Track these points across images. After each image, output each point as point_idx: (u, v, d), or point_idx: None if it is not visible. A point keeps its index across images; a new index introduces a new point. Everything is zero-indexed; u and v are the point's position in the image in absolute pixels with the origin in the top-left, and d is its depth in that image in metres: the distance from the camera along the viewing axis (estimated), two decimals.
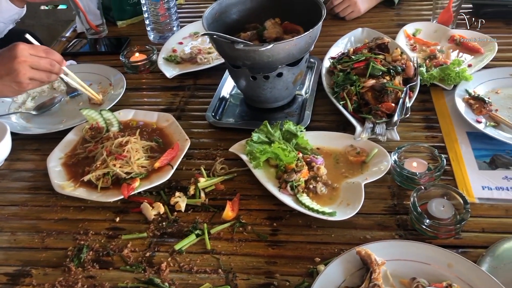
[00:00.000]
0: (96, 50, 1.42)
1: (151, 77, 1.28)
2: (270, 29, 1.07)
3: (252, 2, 1.13)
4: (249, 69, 1.00)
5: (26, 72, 0.95)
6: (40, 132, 1.07)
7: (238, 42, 0.92)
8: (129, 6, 1.50)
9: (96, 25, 1.45)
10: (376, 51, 1.16)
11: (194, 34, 1.41)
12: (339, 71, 1.12)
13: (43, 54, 0.98)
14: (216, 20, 1.08)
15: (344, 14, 1.45)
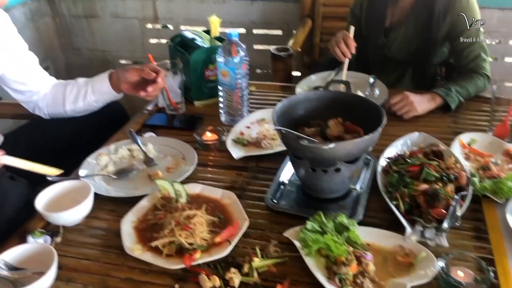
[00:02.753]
0: (172, 125, 1.58)
1: (218, 156, 1.40)
2: (332, 128, 1.18)
3: (317, 101, 1.25)
4: (309, 162, 1.10)
5: None
6: (117, 195, 1.19)
7: (303, 139, 1.03)
8: (206, 88, 1.68)
9: (176, 102, 1.62)
10: (431, 156, 1.23)
11: (261, 120, 1.54)
12: (394, 172, 1.19)
13: None
14: (284, 114, 1.20)
15: (401, 113, 1.54)
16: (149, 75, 1.39)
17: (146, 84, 1.41)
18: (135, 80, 1.44)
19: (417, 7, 1.73)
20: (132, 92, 1.46)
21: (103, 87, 1.48)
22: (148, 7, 2.91)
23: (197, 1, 2.81)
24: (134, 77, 1.43)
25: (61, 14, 3.06)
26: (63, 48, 3.20)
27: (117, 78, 1.46)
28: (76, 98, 1.50)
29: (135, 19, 2.97)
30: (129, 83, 1.45)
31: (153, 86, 1.39)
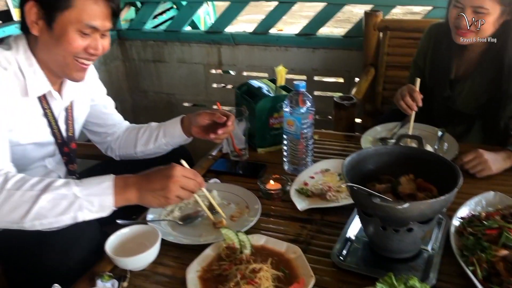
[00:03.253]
0: (236, 172, 1.59)
1: (282, 206, 1.39)
2: (404, 185, 1.14)
3: (388, 155, 1.22)
4: (380, 220, 1.07)
5: (176, 190, 1.13)
6: (183, 242, 1.20)
7: (375, 196, 1.00)
8: (270, 136, 1.69)
9: (240, 148, 1.64)
10: (509, 219, 1.15)
11: (325, 170, 1.52)
12: (469, 234, 1.13)
13: (192, 176, 1.16)
14: (353, 167, 1.18)
15: (474, 171, 1.47)
16: (220, 118, 1.45)
17: (215, 128, 1.46)
18: (206, 124, 1.50)
19: (485, 60, 1.68)
20: (202, 135, 1.51)
21: (175, 131, 1.53)
22: (213, 54, 3.02)
23: (261, 48, 2.88)
24: (205, 121, 1.49)
25: (131, 58, 3.24)
26: (131, 90, 3.36)
27: (189, 122, 1.52)
28: (147, 141, 1.56)
29: (200, 64, 3.08)
30: (200, 126, 1.50)
31: (223, 129, 1.45)
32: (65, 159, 1.45)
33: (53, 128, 1.36)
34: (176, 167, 1.14)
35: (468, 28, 1.57)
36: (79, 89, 1.44)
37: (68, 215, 1.07)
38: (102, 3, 1.21)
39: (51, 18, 1.19)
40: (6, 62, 1.21)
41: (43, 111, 1.32)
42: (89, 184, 1.10)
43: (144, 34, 3.14)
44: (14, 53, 1.23)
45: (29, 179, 1.08)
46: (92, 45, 1.23)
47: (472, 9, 1.54)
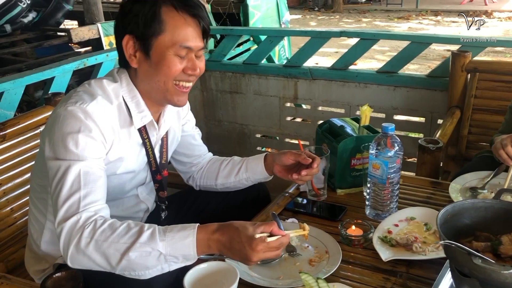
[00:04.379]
0: (313, 212, 1.55)
1: (363, 253, 1.32)
2: (506, 245, 1.04)
3: (486, 211, 1.13)
4: (480, 283, 0.97)
5: (257, 260, 1.10)
6: (260, 284, 1.17)
7: (476, 256, 0.92)
8: (350, 177, 1.63)
9: (318, 188, 1.59)
10: None
11: (411, 218, 1.44)
12: None
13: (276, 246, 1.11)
14: (448, 221, 1.10)
15: None
16: (306, 160, 1.43)
17: (298, 168, 1.44)
18: (290, 164, 1.48)
19: None
20: (284, 174, 1.49)
21: (258, 167, 1.53)
22: (290, 87, 3.03)
23: (339, 84, 2.85)
24: (290, 161, 1.47)
25: (209, 89, 3.33)
26: (206, 119, 3.44)
27: (272, 160, 1.51)
28: (229, 174, 1.57)
29: (275, 97, 3.10)
30: (283, 166, 1.49)
31: (308, 171, 1.42)
32: (156, 186, 1.48)
33: (150, 157, 1.40)
34: (259, 243, 1.08)
35: None
36: (174, 118, 1.48)
37: (155, 268, 1.09)
38: (192, 23, 1.25)
39: (148, 47, 1.24)
40: (114, 95, 1.27)
41: (142, 141, 1.36)
42: (172, 238, 1.09)
43: (224, 66, 3.22)
44: (119, 86, 1.29)
45: (117, 227, 1.10)
46: (189, 66, 1.26)
47: None
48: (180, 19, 1.24)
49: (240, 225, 1.10)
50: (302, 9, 13.70)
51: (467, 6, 12.13)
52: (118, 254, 1.07)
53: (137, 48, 1.25)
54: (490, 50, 6.68)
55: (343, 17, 12.16)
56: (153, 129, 1.38)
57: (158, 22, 1.22)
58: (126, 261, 1.06)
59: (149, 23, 1.22)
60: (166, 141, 1.46)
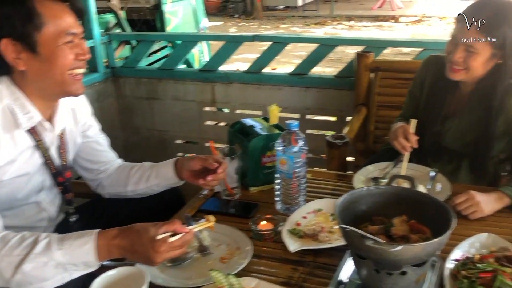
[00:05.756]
0: (227, 211, 1.57)
1: (273, 247, 1.36)
2: (397, 227, 1.13)
3: (380, 196, 1.21)
4: (374, 263, 1.05)
5: (161, 260, 1.10)
6: (172, 285, 1.17)
7: (368, 238, 0.99)
8: (262, 175, 1.68)
9: (232, 187, 1.62)
10: (503, 262, 1.14)
11: (318, 210, 1.50)
12: (463, 277, 1.11)
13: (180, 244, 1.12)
14: (346, 208, 1.16)
15: (466, 213, 1.46)
16: (212, 165, 1.44)
17: (207, 173, 1.45)
18: (197, 169, 1.48)
19: (473, 100, 1.71)
20: (192, 180, 1.50)
21: (168, 172, 1.52)
22: (207, 91, 3.05)
23: (254, 86, 2.92)
24: (197, 166, 1.48)
25: (124, 96, 3.26)
26: (123, 127, 3.36)
27: (182, 165, 1.51)
28: (139, 180, 1.54)
29: (194, 102, 3.11)
30: (191, 171, 1.49)
31: (213, 176, 1.44)
32: (60, 189, 1.43)
33: (46, 158, 1.34)
34: (162, 244, 1.07)
35: (458, 66, 1.61)
36: (69, 117, 1.44)
37: (54, 279, 1.05)
38: (66, 8, 1.25)
39: (33, 45, 1.20)
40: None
41: (35, 143, 1.31)
42: (70, 246, 1.06)
43: (138, 72, 3.17)
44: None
45: (9, 239, 1.05)
46: (80, 52, 1.26)
47: (464, 47, 1.58)
48: (56, 7, 1.22)
49: (141, 227, 1.10)
50: (223, 16, 13.80)
51: (377, 12, 12.88)
52: (11, 267, 1.02)
53: (20, 49, 1.20)
54: (399, 52, 7.14)
55: (263, 24, 12.42)
56: (45, 129, 1.33)
57: (35, 16, 1.18)
58: (21, 274, 1.02)
59: (26, 20, 1.18)
60: (63, 141, 1.42)
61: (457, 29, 1.61)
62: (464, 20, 1.57)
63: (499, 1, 1.59)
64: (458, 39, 1.59)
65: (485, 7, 1.57)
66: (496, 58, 1.59)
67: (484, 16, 1.53)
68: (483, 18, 1.53)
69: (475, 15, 1.55)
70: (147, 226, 1.10)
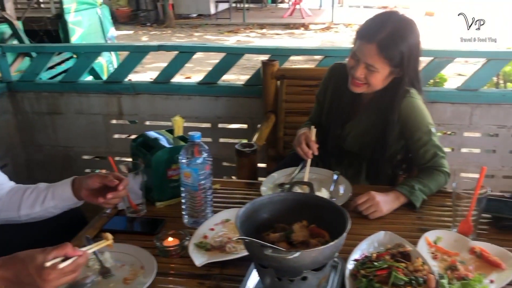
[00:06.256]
0: (133, 229, 1.51)
1: (180, 262, 1.33)
2: (297, 232, 1.15)
3: (281, 203, 1.23)
4: (275, 271, 1.05)
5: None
6: None
7: (267, 247, 0.99)
8: (169, 188, 1.64)
9: (137, 204, 1.57)
10: (398, 258, 1.20)
11: (226, 221, 1.50)
12: (362, 276, 1.15)
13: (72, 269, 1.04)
14: (248, 218, 1.17)
15: (367, 213, 1.53)
16: (112, 182, 1.38)
17: (108, 191, 1.38)
18: (97, 187, 1.41)
19: (371, 105, 1.80)
20: (91, 199, 1.42)
21: (65, 193, 1.43)
22: (113, 103, 2.93)
23: (162, 97, 2.86)
24: (96, 184, 1.40)
25: (23, 111, 3.04)
26: (24, 145, 3.14)
27: (80, 184, 1.43)
28: (34, 202, 1.44)
29: (99, 115, 2.97)
30: (90, 189, 1.42)
31: (113, 193, 1.37)
32: None
33: None
34: (51, 272, 1.00)
35: (359, 80, 1.67)
36: None
37: None
38: None
39: None
40: None
41: None
42: None
43: (38, 86, 2.98)
44: None
45: None
46: None
47: (365, 65, 1.64)
48: None
49: (26, 255, 1.02)
50: (134, 24, 13.46)
51: (288, 20, 13.29)
52: None
53: None
54: (310, 59, 7.40)
55: (176, 32, 12.29)
56: None
57: None
58: None
59: None
60: None
61: (358, 47, 1.65)
62: (365, 39, 1.63)
63: (397, 19, 1.64)
64: (359, 57, 1.64)
65: (385, 25, 1.61)
66: (395, 74, 1.68)
67: (384, 35, 1.59)
68: (382, 37, 1.59)
69: (374, 34, 1.60)
70: (33, 253, 1.02)
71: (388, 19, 1.64)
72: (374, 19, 1.68)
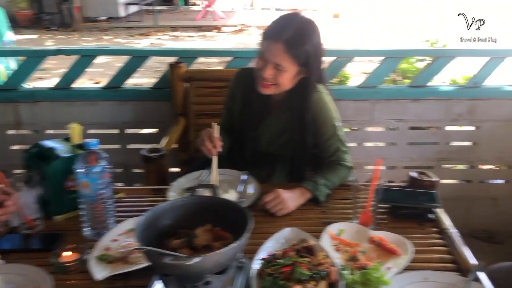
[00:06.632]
0: (28, 247, 1.40)
1: (80, 278, 1.25)
2: (200, 237, 1.12)
3: (184, 208, 1.20)
4: (177, 279, 1.02)
5: None
6: None
7: (166, 255, 0.96)
8: (68, 200, 1.54)
9: (32, 219, 1.45)
10: (303, 253, 1.22)
11: (130, 230, 1.43)
12: (267, 275, 1.15)
13: None
14: (150, 226, 1.12)
15: (274, 211, 1.55)
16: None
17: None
18: None
19: (283, 106, 1.82)
20: None
21: None
22: (9, 112, 2.71)
23: (64, 104, 2.69)
24: None
25: None
26: None
27: None
28: None
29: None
30: None
31: (2, 210, 1.27)
32: None
33: None
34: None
35: (268, 81, 1.68)
36: None
37: None
38: None
39: None
40: None
41: None
42: None
43: None
44: None
45: None
46: None
47: (273, 65, 1.65)
48: None
49: None
50: (37, 28, 12.61)
51: (201, 22, 13.20)
52: None
53: None
54: (223, 61, 7.39)
55: (84, 36, 11.72)
56: None
57: None
58: None
59: None
60: None
61: (265, 47, 1.67)
62: (271, 39, 1.65)
63: (300, 20, 1.68)
64: (266, 57, 1.66)
65: (289, 25, 1.64)
66: (302, 73, 1.71)
67: (289, 34, 1.61)
68: (288, 36, 1.61)
69: (280, 33, 1.62)
70: None
71: (292, 20, 1.68)
72: (279, 20, 1.71)
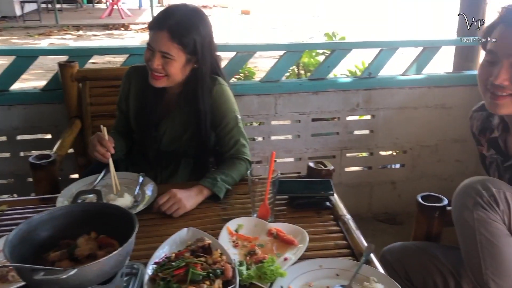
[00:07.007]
0: None
1: None
2: (82, 246, 1.04)
3: (65, 217, 1.11)
4: None
5: None
6: None
7: (37, 270, 0.87)
8: None
9: None
10: (199, 253, 1.18)
11: None
12: (160, 280, 1.10)
13: None
14: (24, 240, 1.02)
15: (171, 212, 1.49)
16: None
17: None
18: None
19: (182, 102, 1.77)
20: None
21: None
22: None
23: None
24: None
25: None
26: None
27: None
28: None
29: None
30: None
31: None
32: None
33: None
34: None
35: (158, 72, 1.63)
36: None
37: None
38: None
39: None
40: None
41: None
42: None
43: None
44: None
45: None
46: None
47: (161, 54, 1.60)
48: None
49: None
50: None
51: (107, 20, 12.68)
52: None
53: None
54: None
55: None
56: None
57: None
58: None
59: None
60: None
61: (152, 37, 1.63)
62: (156, 28, 1.61)
63: (185, 9, 1.66)
64: (153, 46, 1.61)
65: (173, 14, 1.62)
66: (192, 63, 1.67)
67: (174, 22, 1.59)
68: (172, 23, 1.59)
69: (164, 22, 1.59)
70: None
71: (177, 9, 1.66)
72: (164, 10, 1.68)
